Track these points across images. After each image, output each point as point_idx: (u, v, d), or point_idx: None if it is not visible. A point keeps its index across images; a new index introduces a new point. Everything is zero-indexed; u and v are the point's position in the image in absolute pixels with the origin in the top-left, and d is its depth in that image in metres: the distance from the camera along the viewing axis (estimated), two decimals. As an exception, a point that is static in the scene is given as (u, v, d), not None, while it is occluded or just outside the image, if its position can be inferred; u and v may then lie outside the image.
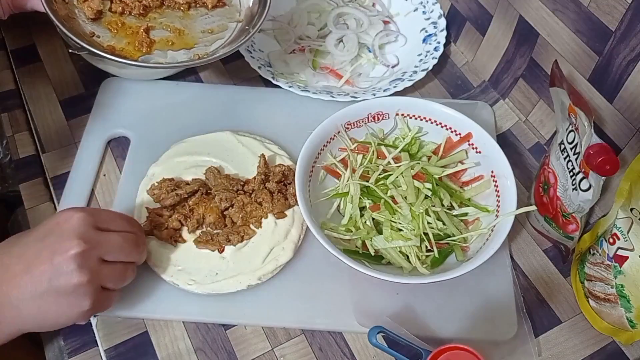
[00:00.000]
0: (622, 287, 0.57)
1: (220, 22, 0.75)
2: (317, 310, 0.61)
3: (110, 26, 0.70)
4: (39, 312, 0.50)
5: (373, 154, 0.67)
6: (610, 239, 0.57)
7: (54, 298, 0.50)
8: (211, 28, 0.74)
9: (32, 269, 0.49)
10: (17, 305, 0.49)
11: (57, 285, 0.49)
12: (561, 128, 0.62)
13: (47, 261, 0.49)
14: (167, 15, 0.74)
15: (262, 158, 0.66)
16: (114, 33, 0.70)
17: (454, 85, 0.81)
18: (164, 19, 0.73)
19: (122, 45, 0.69)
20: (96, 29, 0.69)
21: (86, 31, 0.69)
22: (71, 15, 0.70)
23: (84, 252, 0.50)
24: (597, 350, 0.61)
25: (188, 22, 0.74)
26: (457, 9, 0.83)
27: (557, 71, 0.60)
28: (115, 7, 0.71)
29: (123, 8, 0.71)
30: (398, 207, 0.62)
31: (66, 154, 0.71)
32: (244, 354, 0.59)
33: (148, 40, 0.70)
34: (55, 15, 0.66)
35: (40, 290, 0.49)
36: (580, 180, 0.57)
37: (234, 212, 0.64)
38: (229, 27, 0.75)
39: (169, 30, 0.72)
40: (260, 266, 0.61)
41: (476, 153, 0.67)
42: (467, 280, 0.62)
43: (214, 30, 0.74)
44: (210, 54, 0.70)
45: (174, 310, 0.60)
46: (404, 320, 0.59)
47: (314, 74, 0.80)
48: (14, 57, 0.81)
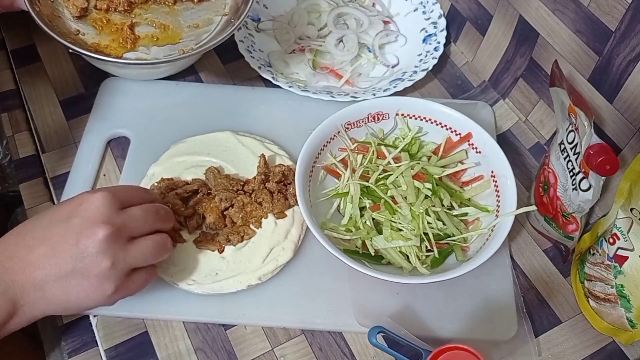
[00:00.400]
0: (622, 287, 0.57)
1: (206, 16, 0.75)
2: (317, 310, 0.61)
3: (95, 23, 0.70)
4: (63, 294, 0.50)
5: (373, 154, 0.67)
6: (610, 239, 0.57)
7: (78, 280, 0.50)
8: (196, 22, 0.74)
9: (57, 251, 0.49)
10: (41, 286, 0.49)
11: (82, 267, 0.49)
12: (561, 128, 0.62)
13: (72, 243, 0.49)
14: (153, 11, 0.74)
15: (262, 158, 0.66)
16: (99, 30, 0.70)
17: (454, 85, 0.81)
18: (150, 14, 0.73)
19: (107, 42, 0.69)
20: (81, 27, 0.69)
21: (71, 29, 0.69)
22: (56, 14, 0.69)
23: (111, 235, 0.50)
24: (597, 350, 0.61)
25: (173, 17, 0.74)
26: (457, 9, 0.83)
27: (557, 71, 0.60)
28: (100, 4, 0.71)
29: (108, 5, 0.71)
30: (398, 207, 0.62)
31: (66, 154, 0.71)
32: (244, 354, 0.59)
33: (133, 36, 0.70)
34: (38, 15, 0.65)
35: (64, 272, 0.49)
36: (580, 180, 0.57)
37: (234, 212, 0.64)
38: (214, 21, 0.75)
39: (154, 25, 0.72)
40: (260, 266, 0.61)
41: (476, 153, 0.67)
42: (467, 280, 0.62)
43: (199, 24, 0.74)
44: (195, 49, 0.70)
45: (174, 310, 0.60)
46: (404, 320, 0.59)
47: (314, 74, 0.80)
48: (14, 57, 0.81)
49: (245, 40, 0.80)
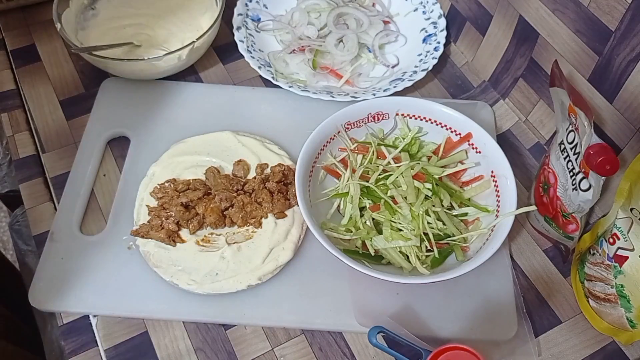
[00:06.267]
0: (622, 287, 0.57)
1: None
2: (317, 310, 0.61)
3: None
4: None
5: (373, 154, 0.67)
6: (610, 239, 0.57)
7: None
8: None
9: None
10: None
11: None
12: (561, 128, 0.62)
13: None
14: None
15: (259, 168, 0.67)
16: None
17: (454, 85, 0.81)
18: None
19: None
20: None
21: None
22: None
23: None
24: (597, 350, 0.61)
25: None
26: (457, 9, 0.83)
27: (557, 71, 0.60)
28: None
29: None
30: (398, 207, 0.62)
31: (66, 154, 0.71)
32: (244, 354, 0.59)
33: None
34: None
35: None
36: (580, 180, 0.57)
37: (234, 212, 0.64)
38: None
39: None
40: (260, 266, 0.61)
41: (476, 153, 0.67)
42: (467, 280, 0.62)
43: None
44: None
45: (174, 310, 0.60)
46: (404, 320, 0.59)
47: (314, 74, 0.80)
48: (14, 57, 0.81)
49: (245, 40, 0.80)
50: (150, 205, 0.65)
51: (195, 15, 0.82)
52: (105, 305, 0.60)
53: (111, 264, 0.63)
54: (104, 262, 0.63)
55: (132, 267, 0.62)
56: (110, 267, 0.63)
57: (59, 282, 0.61)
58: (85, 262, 0.63)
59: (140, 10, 0.82)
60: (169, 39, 0.79)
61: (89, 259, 0.63)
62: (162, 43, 0.78)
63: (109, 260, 0.63)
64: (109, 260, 0.63)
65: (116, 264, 0.63)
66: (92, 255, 0.63)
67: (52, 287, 0.61)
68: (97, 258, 0.63)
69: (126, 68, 0.74)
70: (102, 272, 0.62)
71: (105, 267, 0.62)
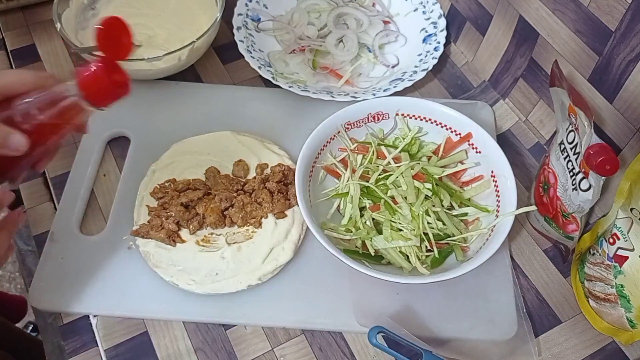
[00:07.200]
0: (622, 287, 0.57)
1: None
2: (317, 310, 0.61)
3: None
4: None
5: (373, 154, 0.67)
6: (610, 239, 0.57)
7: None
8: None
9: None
10: None
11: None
12: (561, 128, 0.62)
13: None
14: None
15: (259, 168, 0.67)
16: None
17: (454, 85, 0.81)
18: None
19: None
20: None
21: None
22: None
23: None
24: (597, 350, 0.61)
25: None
26: (457, 9, 0.83)
27: (557, 71, 0.60)
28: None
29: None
30: (398, 207, 0.62)
31: (66, 154, 0.71)
32: (244, 354, 0.59)
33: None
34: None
35: None
36: (580, 180, 0.57)
37: (234, 212, 0.64)
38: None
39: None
40: (260, 266, 0.61)
41: (476, 153, 0.67)
42: (467, 280, 0.62)
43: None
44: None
45: (174, 310, 0.60)
46: (404, 320, 0.59)
47: (314, 74, 0.80)
48: (14, 57, 0.81)
49: (245, 40, 0.80)
50: (150, 205, 0.65)
51: (195, 15, 0.82)
52: (105, 305, 0.60)
53: (111, 264, 0.63)
54: (104, 262, 0.63)
55: (132, 267, 0.62)
56: (110, 267, 0.63)
57: (59, 282, 0.61)
58: (85, 262, 0.63)
59: (140, 10, 0.82)
60: (169, 39, 0.79)
61: (89, 259, 0.63)
62: (162, 43, 0.78)
63: (109, 260, 0.63)
64: (109, 260, 0.63)
65: (116, 264, 0.63)
66: (92, 255, 0.63)
67: (52, 287, 0.61)
68: (97, 258, 0.63)
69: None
70: (102, 272, 0.62)
71: (105, 267, 0.62)
